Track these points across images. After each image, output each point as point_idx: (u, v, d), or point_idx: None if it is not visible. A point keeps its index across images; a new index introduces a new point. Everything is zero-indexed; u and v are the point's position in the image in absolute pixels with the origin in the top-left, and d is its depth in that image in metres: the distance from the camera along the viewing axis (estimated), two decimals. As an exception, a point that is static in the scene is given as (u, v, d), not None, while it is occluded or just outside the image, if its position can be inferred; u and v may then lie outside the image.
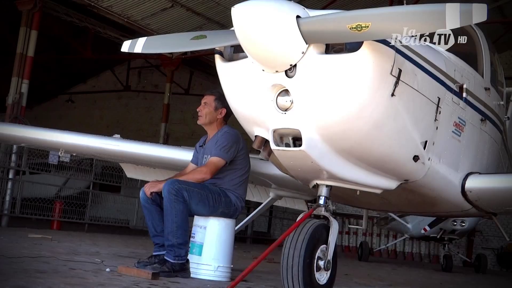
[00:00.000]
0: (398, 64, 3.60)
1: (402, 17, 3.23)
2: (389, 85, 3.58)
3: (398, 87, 3.62)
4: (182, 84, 21.53)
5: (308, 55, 3.43)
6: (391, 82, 3.58)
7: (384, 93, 3.59)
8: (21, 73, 12.32)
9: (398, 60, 3.60)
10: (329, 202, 4.10)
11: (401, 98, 3.69)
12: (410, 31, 3.15)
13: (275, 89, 3.59)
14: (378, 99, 3.58)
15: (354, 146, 3.75)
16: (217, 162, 5.04)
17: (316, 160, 3.69)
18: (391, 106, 3.66)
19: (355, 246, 18.67)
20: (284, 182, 5.91)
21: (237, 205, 5.15)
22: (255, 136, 3.88)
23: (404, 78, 3.67)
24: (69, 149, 7.06)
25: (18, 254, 5.18)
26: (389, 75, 3.56)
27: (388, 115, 3.70)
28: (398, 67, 3.59)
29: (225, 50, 3.94)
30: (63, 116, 24.58)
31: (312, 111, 3.56)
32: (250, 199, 7.97)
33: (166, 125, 17.99)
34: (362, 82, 3.49)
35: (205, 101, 5.30)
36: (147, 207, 5.03)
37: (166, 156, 6.42)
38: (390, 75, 3.56)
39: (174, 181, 4.86)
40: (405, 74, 3.68)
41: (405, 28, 3.15)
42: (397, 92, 3.63)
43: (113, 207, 15.79)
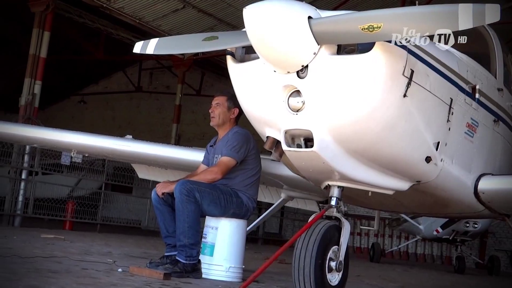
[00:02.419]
0: (410, 64, 3.58)
1: (414, 17, 3.22)
2: (401, 86, 3.57)
3: (410, 88, 3.61)
4: (193, 85, 21.58)
5: (320, 56, 3.42)
6: (403, 83, 3.57)
7: (396, 94, 3.58)
8: (33, 74, 12.40)
9: (410, 60, 3.59)
10: (340, 203, 4.09)
11: (413, 99, 3.68)
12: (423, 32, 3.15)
13: (286, 90, 3.59)
14: (390, 100, 3.57)
15: (366, 147, 3.74)
16: (228, 162, 5.05)
17: (328, 161, 3.68)
18: (403, 107, 3.65)
19: (366, 247, 18.61)
20: (296, 183, 5.90)
21: (248, 206, 5.15)
22: (267, 137, 3.88)
23: (416, 78, 3.65)
24: (81, 149, 7.10)
25: (31, 254, 5.22)
26: (401, 75, 3.55)
27: (400, 116, 3.69)
28: (410, 67, 3.58)
29: (237, 51, 3.94)
30: (75, 117, 24.71)
31: (324, 112, 3.55)
32: (261, 200, 7.97)
33: (177, 126, 18.04)
34: (374, 83, 3.48)
35: (217, 102, 5.30)
36: (159, 207, 5.05)
37: (178, 157, 6.43)
38: (402, 76, 3.55)
39: (185, 181, 4.88)
40: (417, 74, 3.66)
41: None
42: (409, 93, 3.62)
43: (124, 207, 15.85)
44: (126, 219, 15.59)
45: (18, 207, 11.71)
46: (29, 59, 12.50)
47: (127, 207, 15.89)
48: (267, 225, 19.12)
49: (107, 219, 14.50)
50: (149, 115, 24.01)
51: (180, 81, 18.08)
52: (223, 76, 19.44)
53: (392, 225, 15.98)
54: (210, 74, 21.77)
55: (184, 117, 19.74)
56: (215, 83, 21.84)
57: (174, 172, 7.40)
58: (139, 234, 13.60)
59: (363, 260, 13.93)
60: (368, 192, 4.21)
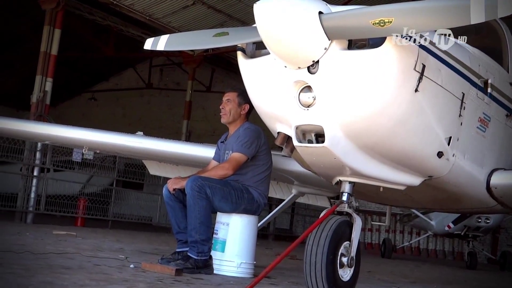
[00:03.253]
0: (421, 59, 3.57)
1: (426, 12, 3.21)
2: (412, 81, 3.56)
3: (422, 83, 3.60)
4: (203, 82, 21.56)
5: (331, 51, 3.42)
6: (414, 78, 3.56)
7: (407, 88, 3.57)
8: (45, 72, 12.45)
9: (421, 55, 3.57)
10: (352, 199, 4.09)
11: (425, 93, 3.66)
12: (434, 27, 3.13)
13: (297, 85, 3.59)
14: (401, 95, 3.56)
15: (378, 142, 3.73)
16: (238, 158, 5.05)
17: (339, 156, 3.68)
18: (415, 102, 3.64)
19: (378, 243, 18.57)
20: (307, 178, 5.90)
21: (259, 202, 5.15)
22: (278, 133, 3.88)
23: (428, 73, 3.64)
24: (92, 146, 7.12)
25: (43, 250, 5.25)
26: (412, 70, 3.54)
27: (412, 111, 3.68)
28: (421, 62, 3.57)
29: (247, 47, 3.95)
30: (86, 114, 24.77)
31: (335, 107, 3.55)
32: (272, 196, 7.98)
33: (188, 122, 18.04)
34: (386, 78, 3.48)
35: (228, 98, 5.30)
36: (170, 204, 5.06)
37: (189, 153, 6.44)
38: (413, 71, 3.54)
39: (196, 177, 4.88)
40: (429, 69, 3.65)
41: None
42: (421, 88, 3.61)
43: (136, 204, 15.88)
44: (137, 216, 15.63)
45: (30, 204, 11.77)
46: (40, 56, 12.54)
47: (138, 203, 15.92)
48: (278, 221, 19.10)
49: (119, 215, 14.55)
50: (160, 111, 24.03)
51: (190, 77, 18.08)
52: (233, 72, 19.42)
53: (403, 221, 15.92)
54: (220, 71, 21.74)
55: (194, 114, 19.73)
56: (225, 79, 21.82)
57: (185, 168, 7.41)
58: (151, 230, 13.64)
59: (374, 256, 13.90)
60: (380, 188, 4.21)
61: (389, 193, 4.42)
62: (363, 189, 4.31)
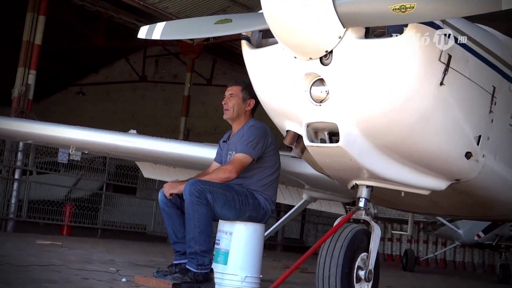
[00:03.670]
0: (447, 49, 3.56)
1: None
2: (437, 73, 3.56)
3: (447, 75, 3.59)
4: (204, 74, 21.60)
5: (346, 40, 3.42)
6: (439, 70, 3.56)
7: (432, 82, 3.56)
8: (27, 63, 12.48)
9: (447, 44, 3.57)
10: (370, 205, 4.10)
11: (451, 87, 3.66)
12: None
13: (308, 78, 3.59)
14: (425, 89, 3.56)
15: (398, 141, 3.73)
16: (243, 159, 5.05)
17: (355, 157, 3.68)
18: (439, 96, 3.64)
19: (399, 255, 18.56)
20: (319, 182, 5.90)
21: (266, 208, 5.16)
22: (287, 131, 3.89)
23: (454, 65, 3.63)
24: (80, 146, 7.15)
25: (26, 262, 5.27)
26: (437, 61, 3.53)
27: (436, 107, 3.68)
28: (447, 52, 3.56)
29: (253, 35, 3.95)
30: (73, 110, 24.87)
31: (351, 102, 3.55)
32: (280, 202, 7.98)
33: (186, 119, 18.07)
34: (407, 69, 3.47)
35: (231, 92, 5.31)
36: (167, 210, 5.07)
37: (187, 154, 6.46)
38: (438, 62, 3.54)
39: (196, 181, 4.89)
40: (456, 60, 3.65)
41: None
42: (447, 81, 3.60)
43: (128, 210, 15.92)
44: (130, 223, 15.68)
45: (11, 210, 11.80)
46: (22, 46, 12.57)
47: (131, 210, 15.96)
48: (287, 229, 19.11)
49: (109, 223, 14.59)
50: (155, 107, 24.09)
51: (189, 69, 18.11)
52: (237, 63, 19.45)
53: (427, 230, 15.91)
54: (222, 62, 21.77)
55: (193, 110, 19.76)
56: (228, 71, 21.84)
57: (183, 171, 7.43)
58: (145, 240, 13.68)
59: (395, 269, 13.89)
60: (401, 192, 4.21)
61: (411, 198, 4.42)
62: (382, 194, 4.31)
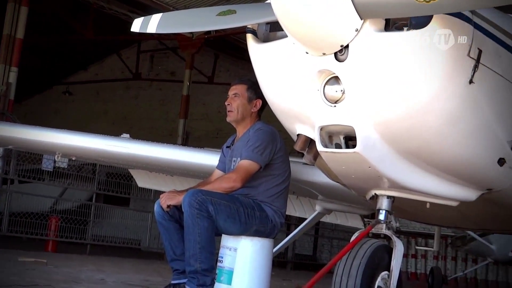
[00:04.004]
0: (477, 43, 3.56)
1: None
2: (466, 70, 3.55)
3: (477, 72, 3.58)
4: (204, 71, 21.65)
5: (364, 33, 3.42)
6: (468, 66, 3.55)
7: (460, 79, 3.56)
8: (8, 59, 12.52)
9: (477, 37, 3.56)
10: (391, 218, 4.10)
11: (481, 85, 3.65)
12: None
13: (322, 76, 3.60)
14: (452, 88, 3.56)
15: (423, 146, 3.73)
16: (249, 167, 5.05)
17: (375, 164, 3.69)
18: (469, 96, 3.63)
19: (424, 273, 18.53)
20: (334, 192, 5.89)
21: (275, 222, 5.15)
22: (298, 135, 3.89)
23: (485, 60, 3.63)
24: (67, 152, 7.15)
25: (7, 281, 5.28)
26: (466, 57, 3.53)
27: (465, 108, 3.68)
28: (477, 46, 3.56)
29: (259, 28, 3.96)
30: (59, 111, 24.96)
31: (369, 103, 3.55)
32: (291, 214, 7.97)
33: (185, 122, 18.12)
34: (432, 66, 3.47)
35: (235, 92, 5.31)
36: (164, 224, 5.07)
37: (186, 161, 6.46)
38: (467, 57, 3.53)
39: (196, 191, 4.89)
40: (487, 55, 3.64)
41: None
42: (477, 79, 3.60)
43: (121, 223, 15.94)
44: (122, 238, 15.69)
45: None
46: (2, 40, 12.62)
47: (123, 223, 15.98)
48: (298, 245, 19.11)
49: (99, 238, 14.60)
50: (150, 108, 24.14)
51: (188, 66, 18.15)
52: (242, 59, 19.47)
53: (456, 245, 15.88)
54: (225, 57, 21.82)
55: (193, 111, 19.81)
56: (232, 68, 21.89)
57: (181, 180, 7.43)
58: (139, 256, 13.68)
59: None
60: (426, 204, 4.20)
61: (437, 210, 4.41)
62: (405, 205, 4.30)
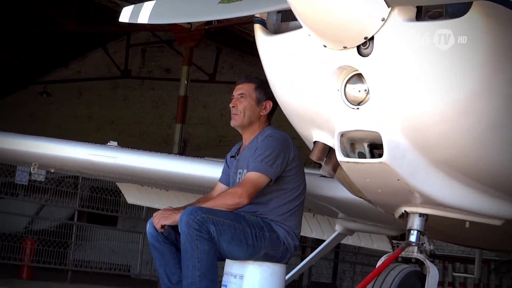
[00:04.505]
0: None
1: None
2: (511, 65, 3.55)
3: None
4: (205, 68, 21.66)
5: (391, 23, 3.43)
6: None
7: (504, 76, 3.57)
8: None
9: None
10: (424, 239, 4.10)
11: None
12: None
13: (342, 73, 3.61)
14: (495, 86, 3.56)
15: (461, 155, 3.73)
16: (257, 180, 5.04)
17: (405, 176, 3.69)
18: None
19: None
20: (357, 209, 5.89)
21: (287, 244, 5.15)
22: (314, 143, 3.90)
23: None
24: (44, 162, 7.17)
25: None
26: (511, 50, 3.53)
27: (510, 109, 3.67)
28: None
29: (269, 17, 3.98)
30: (35, 115, 24.99)
31: (398, 104, 3.56)
32: (306, 235, 7.96)
33: (182, 127, 18.09)
34: (472, 60, 3.48)
35: (241, 92, 5.31)
36: (158, 247, 5.08)
37: (184, 173, 6.46)
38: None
39: (195, 209, 4.89)
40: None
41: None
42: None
43: (107, 246, 15.96)
44: (109, 264, 15.70)
45: (-46, 247, 11.89)
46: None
47: (110, 246, 16.00)
48: (315, 271, 19.09)
49: (82, 263, 14.62)
50: (142, 111, 24.16)
51: (186, 61, 18.14)
52: (248, 54, 19.50)
53: (501, 271, 15.88)
54: (229, 52, 21.83)
55: (192, 114, 19.84)
56: (237, 65, 21.91)
57: (178, 195, 7.44)
58: (128, 285, 13.70)
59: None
60: (465, 223, 4.20)
61: (478, 230, 4.41)
62: (441, 224, 4.30)
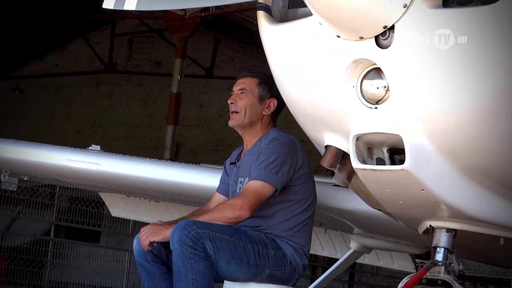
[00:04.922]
0: None
1: None
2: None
3: None
4: (201, 60, 21.70)
5: (414, 10, 3.43)
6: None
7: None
8: None
9: None
10: (452, 258, 4.09)
11: None
12: None
13: (359, 67, 3.61)
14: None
15: (495, 162, 3.73)
16: (260, 190, 5.04)
17: (430, 185, 3.69)
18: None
19: (496, 332, 18.51)
20: (375, 224, 5.90)
21: (295, 263, 5.15)
22: (326, 147, 3.90)
23: None
24: (16, 169, 7.18)
25: None
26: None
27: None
28: None
29: (274, 3, 3.98)
30: (6, 115, 25.02)
31: (422, 103, 3.56)
32: (317, 253, 7.96)
33: (174, 129, 18.11)
34: (506, 52, 3.47)
35: (242, 87, 5.31)
36: (146, 266, 5.07)
37: (176, 181, 6.47)
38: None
39: (189, 223, 4.88)
40: None
41: None
42: None
43: (88, 266, 15.97)
44: (90, 286, 15.72)
45: None
46: None
47: (92, 265, 16.01)
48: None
49: (59, 285, 14.65)
50: (128, 110, 24.18)
51: (179, 54, 18.16)
52: (250, 44, 19.52)
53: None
54: (228, 42, 21.86)
55: (186, 114, 19.86)
56: (237, 57, 21.93)
57: (169, 207, 7.44)
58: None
59: None
60: (499, 239, 4.19)
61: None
62: (471, 241, 4.30)
